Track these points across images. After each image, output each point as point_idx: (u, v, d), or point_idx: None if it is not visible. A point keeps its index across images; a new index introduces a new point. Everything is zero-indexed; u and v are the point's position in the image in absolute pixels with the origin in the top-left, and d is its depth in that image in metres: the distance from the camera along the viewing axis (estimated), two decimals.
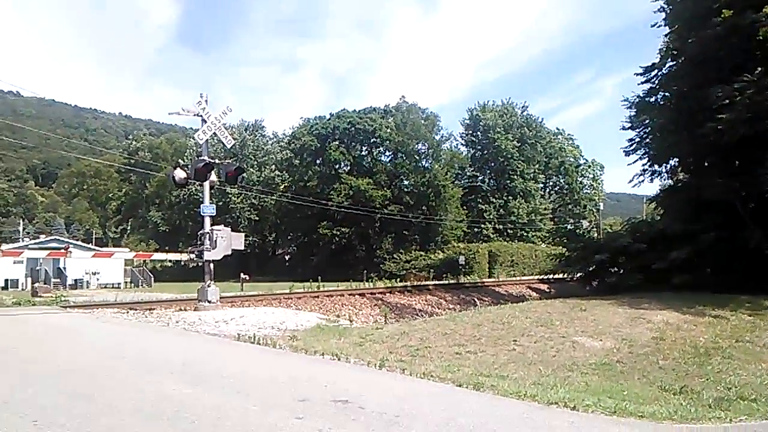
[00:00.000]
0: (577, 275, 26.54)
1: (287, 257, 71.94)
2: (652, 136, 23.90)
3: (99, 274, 44.30)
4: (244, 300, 19.18)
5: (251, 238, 60.96)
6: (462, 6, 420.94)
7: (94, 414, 4.59)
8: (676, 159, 24.26)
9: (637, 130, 24.37)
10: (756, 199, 20.73)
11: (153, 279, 49.95)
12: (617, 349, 10.36)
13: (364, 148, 61.08)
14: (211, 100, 14.91)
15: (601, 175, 75.43)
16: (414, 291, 27.07)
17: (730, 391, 7.46)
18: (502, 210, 63.98)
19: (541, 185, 72.17)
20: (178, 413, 4.61)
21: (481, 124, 67.05)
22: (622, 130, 24.68)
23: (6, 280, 42.41)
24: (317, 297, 22.15)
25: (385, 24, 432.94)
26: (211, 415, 4.57)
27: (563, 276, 29.31)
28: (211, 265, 14.47)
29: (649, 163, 24.52)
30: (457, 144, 69.01)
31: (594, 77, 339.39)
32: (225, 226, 15.47)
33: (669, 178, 26.45)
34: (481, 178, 68.01)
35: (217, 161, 16.34)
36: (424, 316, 19.32)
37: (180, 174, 14.77)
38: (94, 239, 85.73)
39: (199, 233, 14.69)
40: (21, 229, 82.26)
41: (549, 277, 33.38)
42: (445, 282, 33.68)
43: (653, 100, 23.73)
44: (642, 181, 25.10)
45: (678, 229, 21.69)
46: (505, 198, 64.68)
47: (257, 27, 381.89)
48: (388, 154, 61.17)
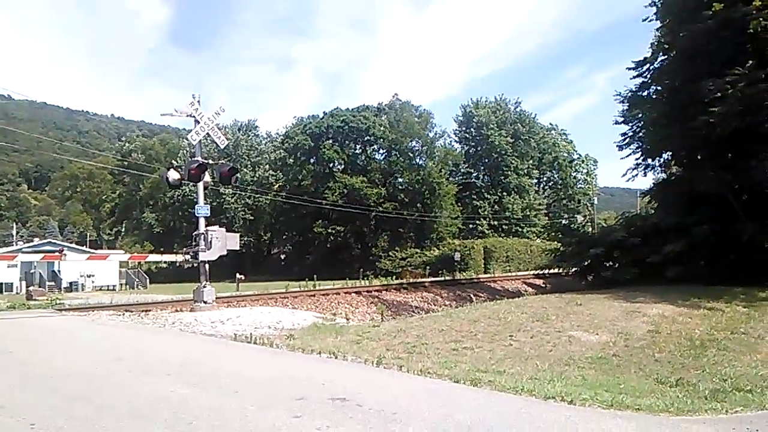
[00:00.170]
0: (572, 270, 26.64)
1: (283, 257, 71.80)
2: (644, 130, 23.97)
3: (94, 276, 44.27)
4: (240, 300, 19.15)
5: (246, 238, 60.77)
6: (454, 2, 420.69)
7: (92, 416, 4.58)
8: (669, 153, 24.35)
9: (630, 124, 24.46)
10: (748, 191, 20.82)
11: (148, 280, 49.95)
12: (613, 342, 10.40)
13: (357, 147, 60.98)
14: (204, 101, 14.92)
15: (594, 169, 75.66)
16: (410, 288, 27.09)
17: (725, 382, 7.50)
18: (496, 206, 64.07)
19: (535, 181, 72.19)
20: (175, 414, 4.60)
21: (474, 120, 67.10)
22: (615, 124, 24.81)
23: (0, 284, 42.35)
24: (313, 296, 22.14)
25: (378, 22, 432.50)
26: (209, 416, 4.56)
27: (558, 271, 29.40)
28: (207, 265, 14.45)
29: (642, 157, 24.63)
30: (451, 141, 69.07)
31: (587, 72, 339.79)
32: (220, 226, 15.44)
33: (662, 172, 26.57)
34: (475, 174, 68.12)
35: (210, 162, 16.32)
36: (420, 313, 19.36)
37: (174, 175, 14.75)
38: (88, 242, 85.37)
39: (193, 234, 14.67)
40: (14, 232, 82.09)
41: (544, 272, 33.54)
42: (441, 279, 33.68)
43: (645, 94, 23.82)
44: (635, 175, 25.27)
45: (672, 223, 21.80)
46: (500, 194, 64.77)
47: (250, 26, 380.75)
48: (382, 152, 61.10)
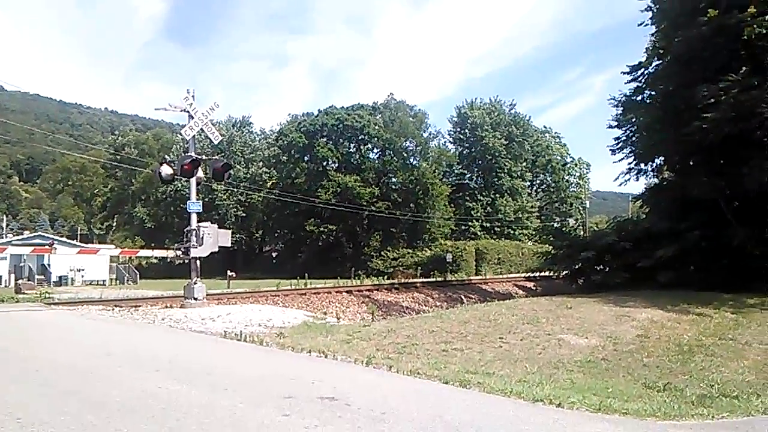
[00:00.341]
0: (563, 273, 26.72)
1: (274, 254, 71.62)
2: (638, 135, 24.07)
3: (84, 270, 43.94)
4: (231, 297, 19.14)
5: (238, 235, 60.70)
6: (451, 2, 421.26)
7: (80, 411, 4.55)
8: (662, 157, 24.43)
9: (624, 128, 24.55)
10: (740, 198, 20.95)
11: (139, 276, 49.63)
12: (602, 346, 10.43)
13: (352, 145, 60.84)
14: (198, 96, 14.84)
15: (587, 173, 75.94)
16: (401, 288, 27.14)
17: (712, 388, 7.53)
18: (489, 208, 64.16)
19: (528, 183, 72.34)
20: (164, 410, 4.59)
21: (468, 121, 67.15)
22: (608, 128, 24.91)
23: None
24: (304, 294, 22.14)
25: (375, 20, 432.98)
26: (198, 413, 4.54)
27: (549, 274, 29.50)
28: (198, 262, 14.40)
29: (635, 161, 24.71)
30: (445, 141, 69.05)
31: (583, 75, 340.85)
32: (212, 222, 15.37)
33: (655, 177, 26.68)
34: (468, 175, 68.19)
35: (204, 157, 16.29)
36: (411, 314, 19.40)
37: (166, 170, 14.67)
38: (79, 235, 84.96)
39: (185, 230, 14.60)
40: (4, 225, 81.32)
41: (535, 275, 33.64)
42: (433, 279, 33.76)
43: (640, 98, 23.90)
44: (628, 180, 25.35)
45: (663, 228, 21.90)
46: (493, 196, 64.88)
47: (245, 22, 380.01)
48: (376, 151, 61.01)
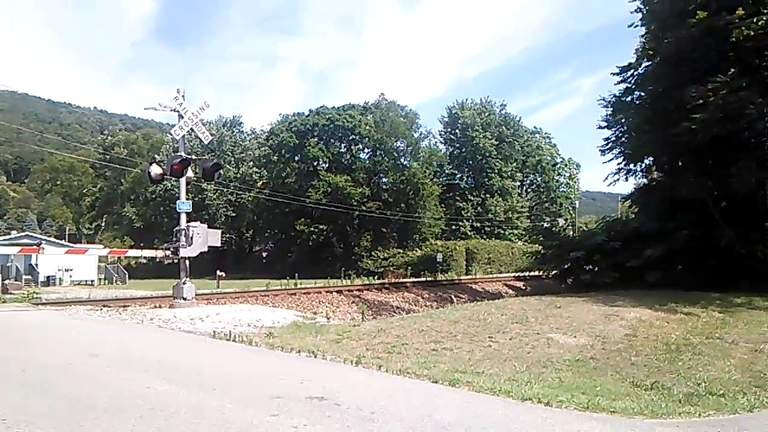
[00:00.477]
0: (552, 273, 26.85)
1: (264, 254, 71.40)
2: (627, 136, 24.21)
3: (72, 270, 43.63)
4: (221, 297, 19.08)
5: (228, 235, 60.47)
6: (442, 3, 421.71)
7: (67, 411, 4.52)
8: (651, 158, 24.62)
9: (613, 129, 24.69)
10: (728, 198, 21.13)
11: (128, 276, 49.39)
12: (591, 345, 10.48)
13: (343, 145, 60.74)
14: (188, 96, 14.77)
15: (577, 173, 76.10)
16: (391, 288, 27.16)
17: (699, 386, 7.59)
18: (479, 208, 64.29)
19: (519, 183, 72.53)
20: (152, 410, 4.56)
21: (459, 122, 67.27)
22: (598, 129, 25.06)
23: None
24: (294, 294, 22.11)
25: (365, 20, 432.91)
26: (186, 413, 4.53)
27: (539, 273, 29.64)
28: (187, 262, 14.33)
29: (624, 161, 24.87)
30: (436, 142, 69.17)
31: (574, 75, 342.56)
32: (201, 222, 15.30)
33: (644, 177, 26.86)
34: (459, 175, 68.32)
35: (193, 157, 16.22)
36: (401, 313, 19.42)
37: (156, 170, 14.60)
38: (67, 235, 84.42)
39: (174, 230, 14.53)
40: None
41: (525, 274, 33.80)
42: (423, 279, 33.81)
43: (629, 99, 24.03)
44: (617, 180, 25.56)
45: (652, 228, 22.04)
46: (483, 196, 65.01)
47: (236, 23, 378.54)
48: (367, 151, 60.95)
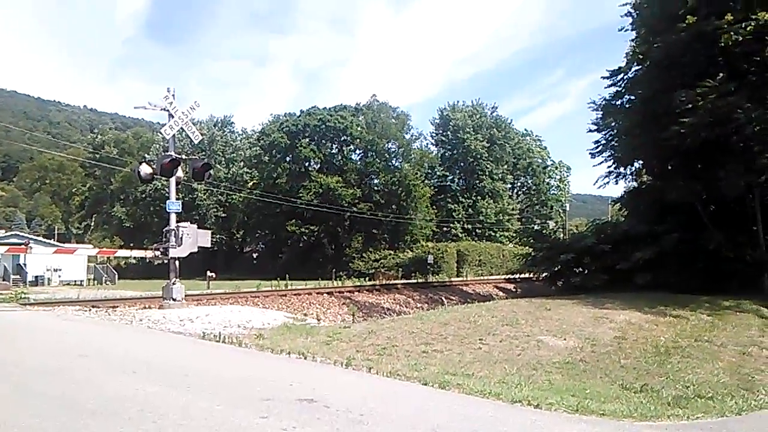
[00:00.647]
0: (542, 275, 26.89)
1: (255, 255, 71.24)
2: (617, 139, 24.29)
3: (61, 270, 43.30)
4: (210, 298, 18.99)
5: (218, 236, 60.25)
6: (435, 4, 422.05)
7: (55, 413, 4.47)
8: (641, 161, 24.73)
9: (603, 132, 24.75)
10: (716, 202, 21.29)
11: (117, 276, 49.11)
12: (580, 348, 10.52)
13: (334, 146, 60.78)
14: (179, 95, 14.74)
15: (567, 176, 76.67)
16: (382, 290, 27.12)
17: (688, 389, 7.64)
18: (470, 210, 64.46)
19: (509, 186, 72.88)
20: (141, 412, 4.52)
21: (451, 124, 67.45)
22: (588, 132, 25.05)
23: None
24: (285, 295, 22.03)
25: (357, 21, 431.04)
26: (175, 415, 4.49)
27: (529, 276, 29.67)
28: (177, 262, 14.25)
29: (614, 165, 24.95)
30: (428, 143, 69.44)
31: (564, 79, 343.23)
32: (191, 222, 15.23)
33: (633, 180, 26.99)
34: (450, 177, 68.52)
35: (184, 157, 16.15)
36: (392, 315, 19.39)
37: (146, 169, 14.54)
38: (56, 235, 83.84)
39: (164, 230, 14.45)
40: None
41: (515, 276, 33.78)
42: (414, 281, 33.82)
43: (619, 103, 24.11)
44: (607, 183, 25.62)
45: (642, 231, 22.15)
46: (474, 198, 65.21)
47: (227, 21, 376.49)
48: (358, 152, 61.07)
